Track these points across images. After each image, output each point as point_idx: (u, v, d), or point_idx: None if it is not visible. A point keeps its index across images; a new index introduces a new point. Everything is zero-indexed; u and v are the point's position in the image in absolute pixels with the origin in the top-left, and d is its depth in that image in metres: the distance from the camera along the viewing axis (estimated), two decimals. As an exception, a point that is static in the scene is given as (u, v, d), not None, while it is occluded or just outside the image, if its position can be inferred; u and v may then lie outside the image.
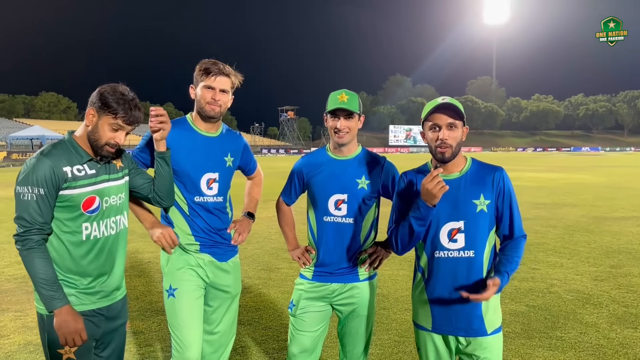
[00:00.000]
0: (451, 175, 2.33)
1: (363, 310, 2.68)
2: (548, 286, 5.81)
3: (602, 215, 11.36)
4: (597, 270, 6.52)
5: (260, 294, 5.59)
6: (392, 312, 4.94)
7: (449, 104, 2.26)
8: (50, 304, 2.10)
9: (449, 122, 2.26)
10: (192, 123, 2.78)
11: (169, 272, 2.71)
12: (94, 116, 2.19)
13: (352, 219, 2.64)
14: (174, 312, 2.64)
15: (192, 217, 2.71)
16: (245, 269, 6.65)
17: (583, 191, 16.96)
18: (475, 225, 2.28)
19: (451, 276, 2.30)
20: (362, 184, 2.65)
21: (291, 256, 2.84)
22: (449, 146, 2.26)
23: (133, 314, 4.89)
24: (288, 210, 2.96)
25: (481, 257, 2.29)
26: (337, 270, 2.66)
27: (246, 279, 6.15)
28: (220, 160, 2.79)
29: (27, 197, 2.09)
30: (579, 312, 4.95)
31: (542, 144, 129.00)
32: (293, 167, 2.85)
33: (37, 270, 2.09)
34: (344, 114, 2.60)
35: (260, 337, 4.36)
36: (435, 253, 2.34)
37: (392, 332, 4.43)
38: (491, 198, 2.30)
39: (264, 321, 4.73)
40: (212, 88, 2.64)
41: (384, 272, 6.44)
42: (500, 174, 2.33)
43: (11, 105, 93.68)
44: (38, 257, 2.09)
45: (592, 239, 8.63)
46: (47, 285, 2.09)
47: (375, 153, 2.82)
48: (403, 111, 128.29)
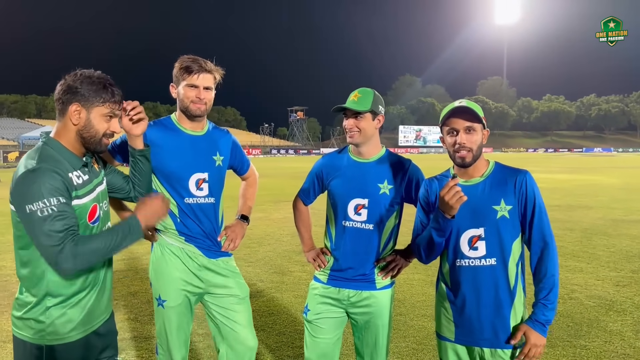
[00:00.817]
0: (472, 180, 2.25)
1: (379, 320, 2.57)
2: (569, 292, 5.65)
3: (619, 217, 11.14)
4: (618, 276, 6.34)
5: (273, 298, 5.48)
6: (408, 319, 4.82)
7: (465, 107, 2.18)
8: (133, 230, 1.93)
9: (467, 126, 2.18)
10: (177, 122, 2.68)
11: (157, 283, 2.64)
12: (80, 112, 1.94)
13: (372, 225, 2.54)
14: (162, 322, 2.63)
15: (183, 219, 2.62)
16: (258, 272, 6.55)
17: (598, 193, 16.68)
18: (497, 232, 2.18)
19: (473, 285, 2.21)
20: (384, 189, 2.54)
21: (306, 257, 2.75)
22: (468, 150, 2.18)
23: (145, 318, 4.81)
24: (305, 210, 2.87)
25: (505, 266, 2.18)
26: (353, 276, 2.56)
27: (258, 283, 6.05)
28: (209, 160, 2.69)
29: (46, 212, 1.78)
30: (603, 319, 4.79)
31: (554, 144, 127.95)
32: (313, 167, 2.76)
33: (98, 246, 1.84)
34: (351, 113, 2.51)
35: (274, 343, 4.25)
36: (456, 261, 2.26)
37: (409, 340, 4.30)
38: (513, 203, 2.18)
39: (278, 327, 4.62)
40: (195, 86, 2.55)
41: (399, 276, 6.30)
42: (524, 177, 2.21)
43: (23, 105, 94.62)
44: (89, 240, 1.83)
45: (610, 242, 8.44)
46: (115, 240, 1.87)
47: (400, 156, 2.68)
48: (413, 111, 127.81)
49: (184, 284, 2.62)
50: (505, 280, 2.19)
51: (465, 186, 2.23)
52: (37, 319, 1.93)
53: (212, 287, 2.68)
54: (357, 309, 2.58)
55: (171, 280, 2.60)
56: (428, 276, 6.28)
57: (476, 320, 2.22)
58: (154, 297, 2.67)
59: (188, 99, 2.56)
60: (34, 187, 1.79)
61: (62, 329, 1.95)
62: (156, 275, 2.65)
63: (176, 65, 2.57)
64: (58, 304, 1.94)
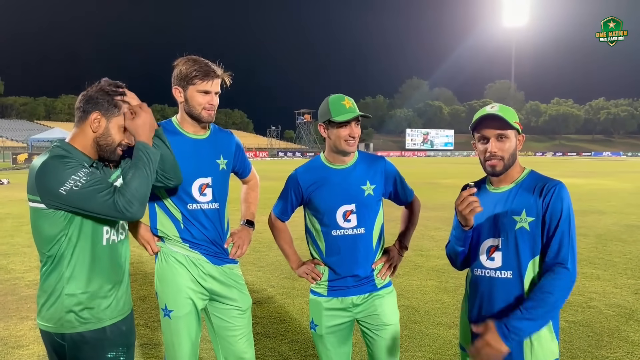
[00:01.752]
0: (501, 187, 2.15)
1: (388, 319, 2.54)
2: (587, 300, 5.52)
3: (633, 223, 10.96)
4: (636, 283, 6.19)
5: (285, 304, 5.38)
6: (423, 327, 4.70)
7: (495, 115, 2.06)
8: (150, 150, 2.04)
9: (498, 134, 2.07)
10: (179, 126, 2.59)
11: (162, 292, 2.57)
12: (100, 120, 2.03)
13: (363, 229, 2.52)
14: (169, 332, 2.55)
15: (187, 226, 2.54)
16: (268, 277, 6.46)
17: (610, 197, 16.47)
18: (514, 244, 2.05)
19: (488, 297, 2.12)
20: (368, 190, 2.52)
21: (297, 274, 2.66)
22: (499, 159, 2.08)
23: (155, 324, 4.73)
24: (284, 227, 2.76)
25: (521, 281, 2.04)
26: (353, 283, 2.52)
27: (269, 288, 5.96)
28: (213, 164, 2.60)
29: (81, 183, 1.88)
30: (623, 329, 4.65)
31: (562, 148, 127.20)
32: (287, 182, 2.64)
33: (136, 179, 1.95)
34: (355, 121, 2.44)
35: (286, 351, 4.16)
36: (475, 270, 2.19)
37: (425, 349, 4.19)
38: (536, 215, 2.03)
39: (290, 334, 4.52)
40: (208, 92, 2.46)
41: (411, 282, 6.20)
42: (553, 188, 2.04)
43: (33, 107, 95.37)
44: (128, 184, 1.93)
45: (627, 249, 8.28)
46: (144, 158, 2.00)
47: (371, 154, 2.68)
48: (420, 114, 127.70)
49: (190, 293, 2.54)
50: (521, 297, 2.03)
51: (492, 193, 2.16)
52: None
53: (215, 296, 2.61)
54: (363, 312, 2.56)
55: (177, 289, 2.52)
56: (441, 282, 6.17)
57: None
58: (160, 308, 2.59)
59: (200, 106, 2.47)
60: (58, 172, 1.90)
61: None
62: (161, 285, 2.57)
63: (181, 67, 2.45)
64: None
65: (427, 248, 8.19)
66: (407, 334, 4.48)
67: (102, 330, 2.05)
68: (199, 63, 2.44)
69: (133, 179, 1.93)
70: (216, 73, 2.46)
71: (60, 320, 2.01)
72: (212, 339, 2.70)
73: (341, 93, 2.47)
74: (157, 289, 2.59)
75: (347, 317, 2.56)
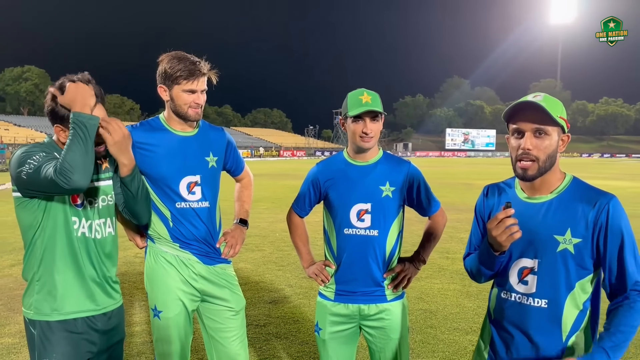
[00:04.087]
0: (537, 198, 1.83)
1: (395, 333, 2.42)
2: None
3: (679, 229, 10.36)
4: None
5: (300, 305, 5.34)
6: (439, 332, 4.56)
7: (536, 104, 1.72)
8: (83, 119, 1.93)
9: (536, 128, 1.74)
10: (166, 123, 2.53)
11: (152, 292, 2.54)
12: (65, 131, 2.06)
13: (376, 231, 2.39)
14: (159, 332, 2.53)
15: (177, 225, 2.48)
16: (288, 276, 6.44)
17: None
18: (553, 268, 1.76)
19: (516, 326, 1.84)
20: (387, 192, 2.39)
21: (307, 273, 2.59)
22: (533, 159, 1.75)
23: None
24: (301, 223, 2.69)
25: (558, 312, 1.77)
26: (361, 289, 2.41)
27: (287, 288, 5.94)
28: (201, 161, 2.54)
29: (34, 165, 1.93)
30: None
31: (610, 149, 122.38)
32: (307, 176, 2.58)
33: (74, 153, 1.88)
34: (370, 116, 2.32)
35: (296, 352, 4.11)
36: (502, 293, 1.89)
37: (438, 354, 4.06)
38: (584, 236, 1.73)
39: (302, 335, 4.47)
40: (194, 92, 2.41)
41: (433, 285, 6.05)
42: (606, 204, 1.72)
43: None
44: (65, 156, 1.88)
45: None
46: (81, 139, 1.91)
47: (398, 156, 2.55)
48: (461, 114, 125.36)
49: (180, 294, 2.49)
50: (557, 330, 1.78)
51: (525, 203, 1.84)
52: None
53: (206, 297, 2.57)
54: (369, 322, 2.44)
55: (167, 290, 2.48)
56: (464, 287, 5.98)
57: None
58: (150, 308, 2.56)
59: (186, 105, 2.42)
60: (21, 159, 1.97)
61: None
62: (151, 285, 2.53)
63: (165, 65, 2.40)
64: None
65: (454, 251, 7.98)
66: (421, 339, 4.36)
67: (69, 323, 2.08)
68: (183, 62, 2.38)
69: (67, 151, 1.89)
70: (201, 71, 2.40)
71: (31, 307, 2.08)
72: (205, 340, 2.67)
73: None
74: (147, 288, 2.57)
75: (352, 324, 2.47)
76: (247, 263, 7.08)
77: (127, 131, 2.10)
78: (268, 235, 9.17)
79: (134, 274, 6.41)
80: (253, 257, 7.47)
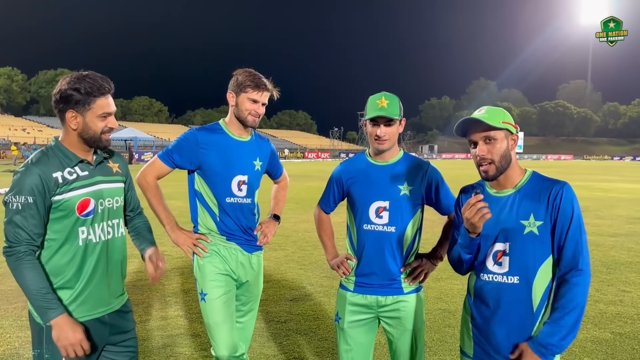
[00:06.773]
0: (503, 192, 2.12)
1: (411, 324, 2.56)
2: (639, 312, 5.20)
3: None
4: (701, 298, 5.75)
5: (320, 302, 5.46)
6: (457, 331, 4.61)
7: (476, 119, 2.05)
8: (45, 315, 2.00)
9: (484, 136, 2.05)
10: (226, 128, 2.93)
11: (199, 278, 2.87)
12: (76, 117, 2.10)
13: (393, 228, 2.53)
14: (206, 314, 2.83)
15: (222, 217, 2.85)
16: (309, 275, 6.57)
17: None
18: (522, 250, 2.03)
19: (494, 302, 2.09)
20: (405, 190, 2.54)
21: (330, 266, 2.75)
22: (490, 162, 2.05)
23: (193, 315, 4.95)
24: (327, 218, 2.90)
25: (529, 286, 2.03)
26: (379, 281, 2.55)
27: (308, 286, 6.06)
28: (250, 164, 2.93)
29: (14, 207, 2.02)
30: (676, 345, 4.35)
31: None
32: (332, 174, 2.78)
33: (28, 282, 1.99)
34: (384, 121, 2.48)
35: (315, 348, 4.23)
36: (480, 275, 2.16)
37: (455, 352, 4.12)
38: (544, 219, 2.00)
39: (321, 332, 4.60)
40: (256, 101, 2.81)
41: (453, 285, 6.09)
42: (560, 190, 2.00)
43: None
44: (27, 268, 2.00)
45: (696, 260, 7.67)
46: (40, 295, 1.99)
47: (417, 157, 2.69)
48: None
49: (224, 278, 2.84)
50: (529, 302, 2.03)
51: (494, 197, 2.12)
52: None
53: (241, 284, 2.96)
54: (386, 312, 2.58)
55: (213, 274, 2.82)
56: (484, 288, 6.00)
57: (493, 338, 2.11)
58: (198, 293, 2.88)
59: (247, 111, 2.81)
60: (16, 182, 2.05)
61: None
62: (200, 271, 2.85)
63: (238, 76, 2.81)
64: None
65: (475, 252, 7.96)
66: (438, 337, 4.44)
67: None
68: (253, 75, 2.81)
69: (29, 281, 2.00)
70: (267, 87, 2.82)
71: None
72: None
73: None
74: (196, 275, 2.89)
75: (370, 314, 2.59)
76: (270, 262, 7.23)
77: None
78: (291, 235, 9.32)
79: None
80: (276, 256, 7.62)
